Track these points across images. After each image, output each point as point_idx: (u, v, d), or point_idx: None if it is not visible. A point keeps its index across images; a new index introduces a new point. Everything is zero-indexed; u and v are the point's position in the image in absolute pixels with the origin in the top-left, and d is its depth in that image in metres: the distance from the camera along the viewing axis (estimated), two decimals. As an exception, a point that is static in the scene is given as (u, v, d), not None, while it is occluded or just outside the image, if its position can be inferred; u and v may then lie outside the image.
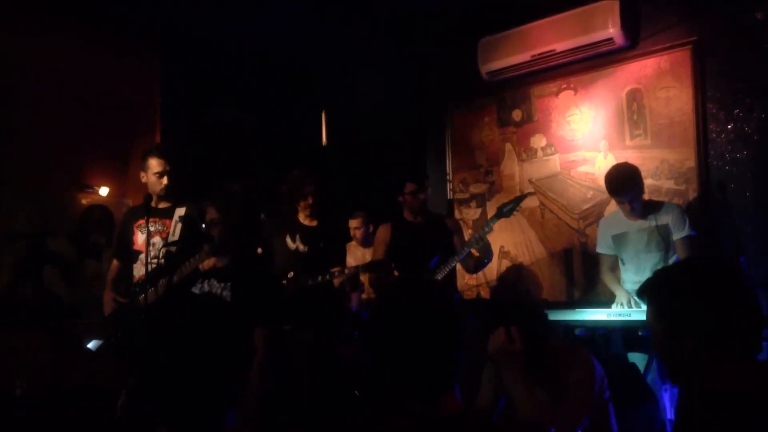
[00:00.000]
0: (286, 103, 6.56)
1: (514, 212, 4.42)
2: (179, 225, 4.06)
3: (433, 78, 6.19)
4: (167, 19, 5.63)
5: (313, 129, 6.88)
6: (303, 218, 4.44)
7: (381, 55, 6.15)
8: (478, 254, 4.46)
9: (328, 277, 4.16)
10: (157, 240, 4.05)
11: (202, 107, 6.10)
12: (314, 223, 4.44)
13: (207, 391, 1.51)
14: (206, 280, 3.48)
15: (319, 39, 6.17)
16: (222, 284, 3.37)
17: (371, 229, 5.82)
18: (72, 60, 5.30)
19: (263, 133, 6.51)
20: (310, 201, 4.37)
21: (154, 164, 4.10)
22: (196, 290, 3.47)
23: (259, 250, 4.44)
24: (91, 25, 5.43)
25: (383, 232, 4.65)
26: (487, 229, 4.34)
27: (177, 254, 3.83)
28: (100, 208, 4.99)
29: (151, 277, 3.85)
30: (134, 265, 4.10)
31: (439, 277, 4.33)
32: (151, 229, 4.06)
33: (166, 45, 5.88)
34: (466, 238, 4.63)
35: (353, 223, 5.73)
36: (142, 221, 4.08)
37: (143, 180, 4.19)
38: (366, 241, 5.68)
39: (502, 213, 4.36)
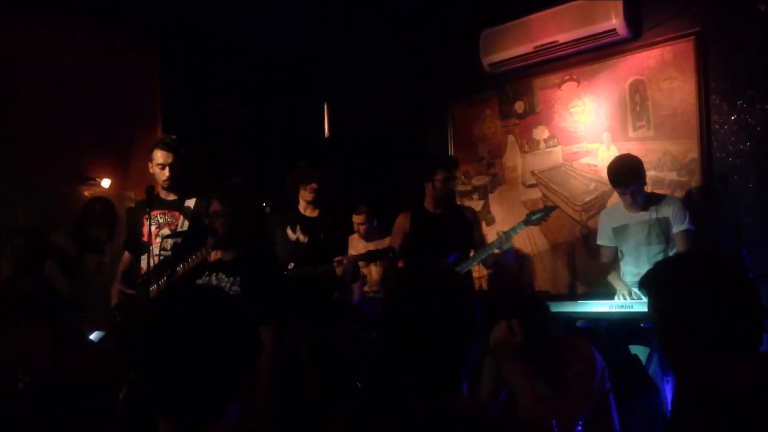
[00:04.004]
0: (287, 96, 6.55)
1: (543, 221, 4.42)
2: (188, 217, 4.07)
3: (435, 70, 6.17)
4: (168, 12, 5.61)
5: (315, 122, 6.87)
6: (303, 209, 4.44)
7: (383, 47, 6.13)
8: (498, 253, 4.37)
9: (328, 267, 4.15)
10: (166, 232, 4.06)
11: (204, 100, 6.09)
12: (315, 214, 4.43)
13: (208, 384, 1.50)
14: (213, 274, 3.48)
15: (320, 32, 6.15)
16: (231, 278, 3.38)
17: (375, 223, 5.81)
18: (73, 52, 5.29)
19: (265, 127, 6.50)
20: (315, 186, 4.34)
21: (159, 156, 4.11)
22: (201, 282, 3.47)
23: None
24: (92, 18, 5.42)
25: (403, 221, 4.61)
26: (512, 233, 4.31)
27: (184, 246, 3.84)
28: (102, 201, 4.98)
29: (158, 269, 3.87)
30: (143, 257, 4.10)
31: None
32: (161, 221, 4.08)
33: (167, 37, 5.87)
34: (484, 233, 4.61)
35: (357, 219, 5.71)
36: (153, 213, 4.08)
37: (151, 171, 4.21)
38: (369, 236, 5.67)
39: (530, 221, 4.35)
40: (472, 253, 4.52)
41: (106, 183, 5.40)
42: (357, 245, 5.63)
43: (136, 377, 3.19)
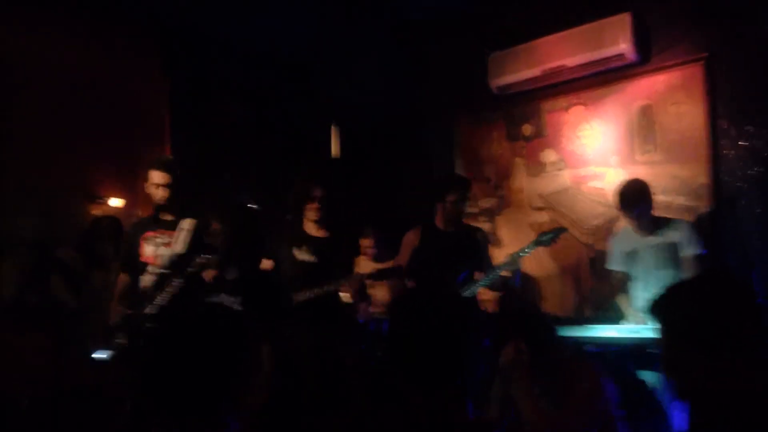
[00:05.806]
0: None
1: (553, 242, 4.27)
2: (182, 235, 4.07)
3: (443, 91, 6.20)
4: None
5: (322, 141, 6.89)
6: (310, 228, 4.42)
7: (390, 66, 6.16)
8: (507, 275, 4.23)
9: (333, 286, 4.13)
10: (164, 251, 4.07)
11: (212, 118, 6.12)
12: (321, 233, 4.41)
13: (211, 396, 1.50)
14: (215, 295, 3.49)
15: (327, 49, 6.19)
16: (233, 298, 3.38)
17: (383, 242, 5.78)
18: (81, 69, 5.34)
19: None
20: (317, 205, 4.33)
21: (155, 176, 4.12)
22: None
23: (270, 264, 4.39)
24: (101, 34, 5.48)
25: (412, 237, 4.57)
26: (521, 254, 4.20)
27: (182, 264, 3.87)
28: (109, 219, 4.99)
29: (157, 287, 3.91)
30: (141, 276, 4.11)
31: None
32: (159, 241, 4.08)
33: (176, 55, 5.91)
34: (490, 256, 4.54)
35: (365, 243, 5.69)
36: (149, 233, 4.11)
37: (147, 191, 4.22)
38: (378, 258, 5.64)
39: (541, 241, 4.22)
40: (477, 276, 4.47)
41: (114, 202, 5.43)
42: (365, 267, 5.60)
43: (140, 391, 3.17)
